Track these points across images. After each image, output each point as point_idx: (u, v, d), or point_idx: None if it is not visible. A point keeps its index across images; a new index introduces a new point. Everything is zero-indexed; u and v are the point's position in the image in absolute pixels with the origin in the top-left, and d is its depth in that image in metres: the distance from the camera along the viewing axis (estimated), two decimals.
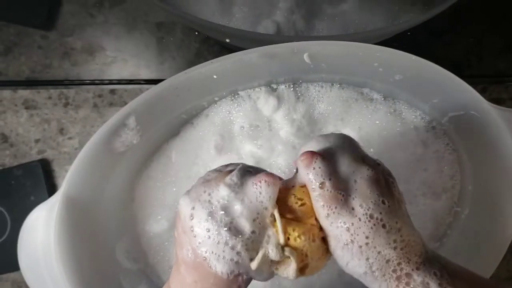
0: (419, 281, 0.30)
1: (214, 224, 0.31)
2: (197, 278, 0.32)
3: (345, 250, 0.31)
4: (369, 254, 0.30)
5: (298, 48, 0.43)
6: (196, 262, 0.31)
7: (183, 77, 0.44)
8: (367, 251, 0.30)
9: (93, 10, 0.60)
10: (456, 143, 0.52)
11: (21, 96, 0.58)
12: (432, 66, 0.43)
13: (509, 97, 0.59)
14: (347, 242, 0.30)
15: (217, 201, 0.31)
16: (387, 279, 0.30)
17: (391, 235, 0.30)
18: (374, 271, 0.30)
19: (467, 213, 0.51)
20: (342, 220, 0.30)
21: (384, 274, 0.30)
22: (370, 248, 0.30)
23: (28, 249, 0.43)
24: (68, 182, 0.42)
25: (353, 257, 0.30)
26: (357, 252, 0.30)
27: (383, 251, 0.30)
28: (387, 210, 0.31)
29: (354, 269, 0.31)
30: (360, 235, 0.30)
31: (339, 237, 0.31)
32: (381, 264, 0.30)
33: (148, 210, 0.51)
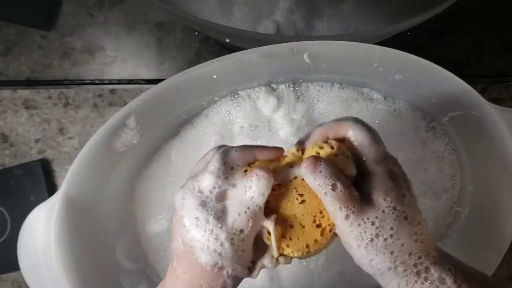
0: (436, 276, 0.30)
1: (203, 212, 0.31)
2: (186, 269, 0.32)
3: (370, 246, 0.30)
4: (394, 247, 0.30)
5: (298, 48, 0.43)
6: (184, 252, 0.31)
7: (183, 77, 0.44)
8: (392, 244, 0.30)
9: (93, 10, 0.60)
10: (456, 143, 0.52)
11: (21, 96, 0.58)
12: (432, 66, 0.43)
13: (509, 97, 0.59)
14: (372, 237, 0.30)
15: (205, 189, 0.31)
16: (407, 274, 0.30)
17: (413, 227, 0.30)
18: (397, 266, 0.30)
19: (467, 213, 0.51)
20: (365, 216, 0.30)
21: (405, 269, 0.30)
22: (394, 240, 0.30)
23: (28, 249, 0.43)
24: (68, 182, 0.42)
25: (378, 253, 0.30)
26: (382, 246, 0.30)
27: (406, 243, 0.30)
28: (408, 203, 0.31)
29: (378, 265, 0.30)
30: (386, 228, 0.30)
31: (363, 235, 0.30)
32: (404, 258, 0.30)
33: (148, 210, 0.51)
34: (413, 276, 0.30)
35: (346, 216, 0.30)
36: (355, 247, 0.31)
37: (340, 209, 0.30)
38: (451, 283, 0.30)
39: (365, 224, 0.30)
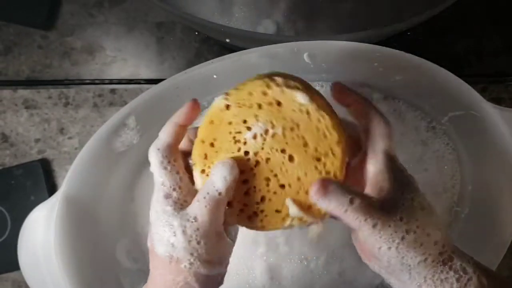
0: (458, 265, 0.30)
1: (163, 203, 0.31)
2: (153, 264, 0.32)
3: (401, 244, 0.29)
4: (423, 239, 0.29)
5: (298, 48, 0.43)
6: (150, 247, 0.31)
7: (183, 77, 0.44)
8: (421, 235, 0.29)
9: (93, 10, 0.60)
10: (456, 143, 0.52)
11: (21, 95, 0.58)
12: (432, 66, 0.43)
13: (509, 96, 0.59)
14: (403, 234, 0.29)
15: (165, 182, 0.31)
16: (435, 265, 0.30)
17: (431, 215, 0.30)
18: (427, 258, 0.29)
19: (467, 213, 0.51)
20: (394, 216, 0.29)
21: (433, 259, 0.30)
22: (421, 231, 0.29)
23: (28, 249, 0.43)
24: (68, 181, 0.42)
25: (409, 249, 0.29)
26: (412, 240, 0.29)
27: (431, 233, 0.30)
28: (421, 194, 0.31)
29: (409, 261, 0.29)
30: (412, 221, 0.29)
31: (394, 235, 0.29)
32: (432, 248, 0.29)
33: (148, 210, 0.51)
34: (440, 265, 0.30)
35: (374, 224, 0.29)
36: (384, 250, 0.29)
37: (366, 220, 0.28)
38: (472, 272, 0.30)
39: (395, 223, 0.29)
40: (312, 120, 0.30)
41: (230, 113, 0.31)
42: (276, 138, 0.30)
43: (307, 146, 0.30)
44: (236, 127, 0.31)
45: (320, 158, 0.30)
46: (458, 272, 0.29)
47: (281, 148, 0.30)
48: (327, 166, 0.30)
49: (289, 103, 0.30)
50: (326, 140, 0.30)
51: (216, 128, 0.31)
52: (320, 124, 0.30)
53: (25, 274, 0.43)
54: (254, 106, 0.30)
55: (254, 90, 0.31)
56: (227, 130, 0.31)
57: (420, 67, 0.43)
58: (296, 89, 0.30)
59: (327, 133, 0.30)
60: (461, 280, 0.29)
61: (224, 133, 0.31)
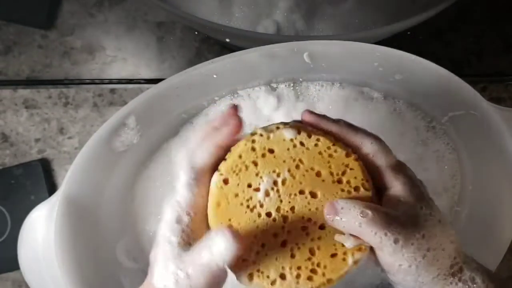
0: (467, 276, 0.29)
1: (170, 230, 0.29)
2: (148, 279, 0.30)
3: (422, 263, 0.28)
4: (439, 255, 0.29)
5: (298, 48, 0.43)
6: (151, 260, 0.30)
7: (183, 76, 0.44)
8: (438, 252, 0.28)
9: (93, 10, 0.60)
10: (456, 143, 0.52)
11: (21, 95, 0.58)
12: (432, 66, 0.43)
13: (509, 96, 0.59)
14: (425, 253, 0.28)
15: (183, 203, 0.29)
16: (445, 278, 0.29)
17: (446, 229, 0.30)
18: (439, 274, 0.29)
19: (467, 213, 0.51)
20: (416, 232, 0.28)
21: (444, 273, 0.29)
22: (438, 248, 0.29)
23: (28, 249, 0.43)
24: (68, 181, 0.42)
25: (428, 267, 0.28)
26: (431, 258, 0.28)
27: (446, 247, 0.29)
28: (435, 207, 0.30)
29: (424, 279, 0.28)
30: (433, 238, 0.28)
31: (417, 253, 0.28)
32: (445, 263, 0.29)
33: (148, 210, 0.51)
34: (449, 277, 0.29)
35: (396, 240, 0.27)
36: (405, 268, 0.28)
37: (386, 234, 0.27)
38: (481, 282, 0.29)
39: (418, 241, 0.27)
40: (310, 148, 0.29)
41: (231, 186, 0.29)
42: (287, 183, 0.29)
43: (321, 174, 0.29)
44: (244, 195, 0.29)
45: (341, 180, 0.29)
46: (467, 283, 0.29)
47: (298, 190, 0.29)
48: (352, 182, 0.29)
49: (281, 145, 0.29)
50: (335, 159, 0.29)
51: (225, 208, 0.29)
52: (320, 148, 0.29)
53: (25, 274, 0.43)
54: (250, 165, 0.29)
55: (241, 151, 0.29)
56: (238, 203, 0.29)
57: (420, 67, 0.43)
58: (278, 129, 0.30)
59: (332, 153, 0.29)
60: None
61: (236, 209, 0.29)
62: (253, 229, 0.28)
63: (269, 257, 0.28)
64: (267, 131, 0.30)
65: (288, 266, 0.28)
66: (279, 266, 0.28)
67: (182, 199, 0.29)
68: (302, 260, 0.28)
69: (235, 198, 0.29)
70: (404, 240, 0.27)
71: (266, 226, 0.28)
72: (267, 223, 0.28)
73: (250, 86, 0.51)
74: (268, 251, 0.28)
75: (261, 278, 0.28)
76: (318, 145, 0.29)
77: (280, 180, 0.29)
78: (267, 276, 0.28)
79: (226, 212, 0.29)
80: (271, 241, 0.28)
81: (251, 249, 0.28)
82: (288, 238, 0.28)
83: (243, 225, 0.28)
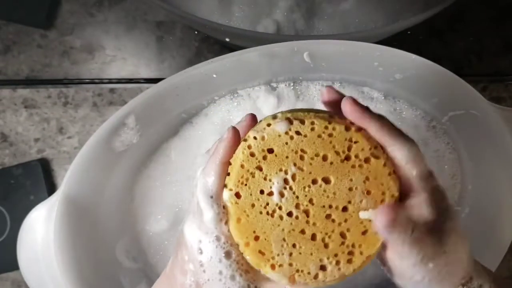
0: (476, 284, 0.29)
1: (226, 267, 0.29)
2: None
3: (437, 278, 0.28)
4: (454, 268, 0.28)
5: (298, 47, 0.43)
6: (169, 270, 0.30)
7: (182, 76, 0.44)
8: (454, 266, 0.28)
9: (92, 9, 0.60)
10: (456, 142, 0.52)
11: (21, 95, 0.58)
12: (432, 65, 0.43)
13: (509, 96, 0.59)
14: (441, 269, 0.28)
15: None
16: (456, 285, 0.29)
17: (464, 242, 0.29)
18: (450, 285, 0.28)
19: (468, 212, 0.51)
20: (439, 251, 0.27)
21: (455, 284, 0.29)
22: (456, 261, 0.28)
23: (27, 248, 0.43)
24: (67, 181, 0.42)
25: (441, 280, 0.28)
26: (445, 273, 0.28)
27: (462, 261, 0.29)
28: (458, 220, 0.29)
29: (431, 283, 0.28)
30: (453, 254, 0.28)
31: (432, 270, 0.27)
32: (459, 275, 0.29)
33: (147, 210, 0.51)
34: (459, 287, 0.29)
35: (422, 258, 0.27)
36: (417, 279, 0.28)
37: (418, 252, 0.27)
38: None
39: (439, 258, 0.27)
40: (308, 135, 0.28)
41: (245, 198, 0.28)
42: (298, 178, 0.28)
43: (327, 158, 0.28)
44: (260, 203, 0.28)
45: (348, 156, 0.28)
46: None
47: (310, 180, 0.28)
48: (360, 156, 0.28)
49: (278, 141, 0.28)
50: (336, 137, 0.28)
51: (246, 221, 0.28)
52: (317, 131, 0.28)
53: (24, 274, 0.43)
54: (255, 172, 0.28)
55: (242, 161, 0.28)
56: (257, 213, 0.28)
57: (420, 66, 0.43)
58: (270, 126, 0.29)
59: (331, 132, 0.28)
60: None
61: (257, 219, 0.28)
62: (280, 233, 0.28)
63: (303, 255, 0.28)
64: (259, 131, 0.29)
65: (325, 257, 0.28)
66: (316, 260, 0.28)
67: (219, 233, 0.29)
68: (336, 246, 0.28)
69: (253, 209, 0.28)
70: (428, 258, 0.27)
71: (292, 226, 0.28)
72: (291, 223, 0.28)
73: (250, 85, 0.51)
74: (301, 249, 0.28)
75: (303, 277, 0.28)
76: (315, 129, 0.28)
77: (290, 176, 0.28)
78: (308, 273, 0.28)
79: (249, 226, 0.28)
80: (301, 238, 0.28)
81: (284, 253, 0.28)
82: (316, 230, 0.28)
83: (269, 232, 0.28)
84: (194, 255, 0.29)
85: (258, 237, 0.28)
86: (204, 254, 0.29)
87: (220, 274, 0.29)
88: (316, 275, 0.28)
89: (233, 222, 0.28)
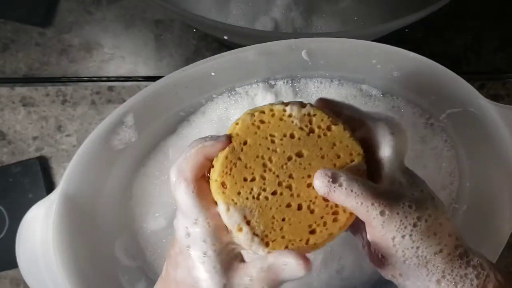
0: (476, 261, 0.29)
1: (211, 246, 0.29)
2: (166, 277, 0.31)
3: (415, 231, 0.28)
4: (436, 228, 0.29)
5: (296, 45, 0.43)
6: (187, 284, 0.30)
7: (181, 74, 0.44)
8: (433, 224, 0.29)
9: (90, 7, 0.60)
10: (454, 140, 0.52)
11: (19, 93, 0.58)
12: (430, 63, 0.43)
13: (507, 93, 0.59)
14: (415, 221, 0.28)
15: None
16: (452, 258, 0.29)
17: (443, 207, 0.30)
18: (442, 249, 0.29)
19: (465, 210, 0.51)
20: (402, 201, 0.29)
21: (449, 252, 0.29)
22: (434, 220, 0.29)
23: (26, 247, 0.43)
24: (66, 179, 0.42)
25: (423, 236, 0.28)
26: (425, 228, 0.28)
27: (443, 222, 0.29)
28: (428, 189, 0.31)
29: (424, 252, 0.28)
30: (423, 209, 0.29)
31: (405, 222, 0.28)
32: (446, 239, 0.29)
33: (145, 208, 0.51)
34: (458, 260, 0.29)
35: (382, 212, 0.28)
36: (399, 239, 0.28)
37: (373, 204, 0.28)
38: (488, 269, 0.29)
39: (403, 209, 0.28)
40: (270, 121, 0.31)
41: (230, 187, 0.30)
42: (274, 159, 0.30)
43: (294, 136, 0.31)
44: (245, 190, 0.30)
45: (312, 129, 0.31)
46: (476, 268, 0.28)
47: (286, 158, 0.30)
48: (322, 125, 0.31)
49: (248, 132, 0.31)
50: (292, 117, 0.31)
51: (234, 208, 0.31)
52: (276, 111, 0.31)
53: (23, 272, 0.43)
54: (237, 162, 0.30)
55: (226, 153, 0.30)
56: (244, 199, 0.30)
57: (418, 64, 0.43)
58: (238, 124, 0.31)
59: (290, 113, 0.31)
60: (480, 277, 0.28)
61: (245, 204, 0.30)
62: (268, 212, 0.30)
63: (293, 225, 0.30)
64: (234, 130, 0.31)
65: (313, 222, 0.30)
66: (305, 227, 0.30)
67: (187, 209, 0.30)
68: (321, 210, 0.30)
69: (239, 196, 0.30)
70: (390, 210, 0.28)
71: (278, 203, 0.30)
72: (277, 200, 0.30)
73: (248, 83, 0.51)
74: (290, 221, 0.30)
75: (296, 245, 0.30)
76: (275, 114, 0.31)
77: (267, 160, 0.30)
78: (299, 240, 0.30)
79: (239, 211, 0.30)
80: (288, 211, 0.30)
81: (275, 229, 0.30)
82: (301, 200, 0.30)
83: (258, 214, 0.30)
84: (182, 241, 0.30)
85: (249, 221, 0.30)
86: (191, 237, 0.30)
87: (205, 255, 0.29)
88: (307, 240, 0.30)
89: (224, 211, 0.30)
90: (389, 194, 0.29)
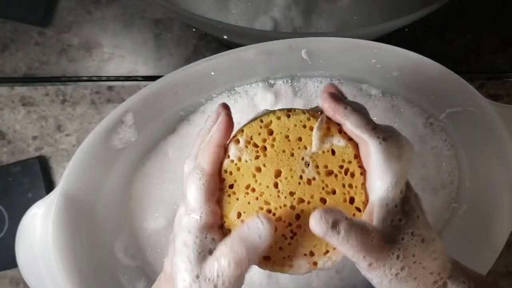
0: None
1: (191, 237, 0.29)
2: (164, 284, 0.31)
3: (395, 280, 0.28)
4: (417, 273, 0.29)
5: (296, 45, 0.43)
6: (169, 274, 0.30)
7: (180, 74, 0.44)
8: (415, 270, 0.29)
9: (90, 7, 0.60)
10: (454, 139, 0.52)
11: (18, 93, 0.58)
12: (429, 63, 0.43)
13: (506, 93, 0.59)
14: (398, 271, 0.28)
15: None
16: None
17: (429, 247, 0.29)
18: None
19: (465, 209, 0.51)
20: (390, 252, 0.28)
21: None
22: (417, 266, 0.29)
23: (26, 246, 0.43)
24: (65, 179, 0.42)
25: (401, 283, 0.29)
26: (407, 275, 0.29)
27: (427, 265, 0.29)
28: (422, 224, 0.30)
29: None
30: (409, 257, 0.29)
31: (387, 272, 0.28)
32: (425, 279, 0.29)
33: (145, 207, 0.51)
34: None
35: (370, 264, 0.28)
36: (376, 283, 0.29)
37: (364, 257, 0.28)
38: None
39: (391, 262, 0.28)
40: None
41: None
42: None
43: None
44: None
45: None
46: None
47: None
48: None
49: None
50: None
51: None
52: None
53: (23, 272, 0.43)
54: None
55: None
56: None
57: (418, 63, 0.43)
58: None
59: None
60: None
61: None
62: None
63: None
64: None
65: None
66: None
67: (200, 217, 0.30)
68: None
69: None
70: (377, 263, 0.28)
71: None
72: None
73: (248, 82, 0.51)
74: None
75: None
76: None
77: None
78: None
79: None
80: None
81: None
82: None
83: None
84: (175, 229, 0.30)
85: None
86: (181, 225, 0.30)
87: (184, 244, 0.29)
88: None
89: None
90: (381, 242, 0.28)
